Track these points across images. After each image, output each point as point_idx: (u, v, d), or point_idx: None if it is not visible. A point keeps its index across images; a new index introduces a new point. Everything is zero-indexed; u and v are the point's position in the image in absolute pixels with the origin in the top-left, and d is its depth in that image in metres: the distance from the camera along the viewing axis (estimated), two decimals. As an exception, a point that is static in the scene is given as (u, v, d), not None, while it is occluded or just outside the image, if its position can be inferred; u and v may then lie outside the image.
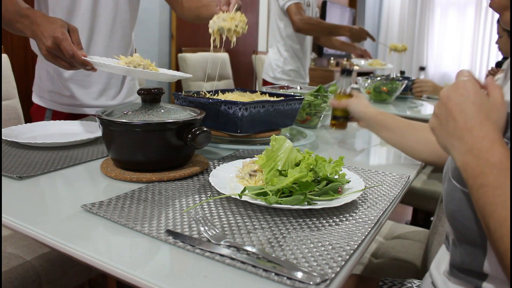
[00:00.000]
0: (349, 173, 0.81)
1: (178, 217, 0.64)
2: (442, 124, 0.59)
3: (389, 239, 1.38)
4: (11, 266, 1.04)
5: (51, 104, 1.43)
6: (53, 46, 1.00)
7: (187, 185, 0.79)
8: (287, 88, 1.57)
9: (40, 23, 1.03)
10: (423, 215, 2.34)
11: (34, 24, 1.04)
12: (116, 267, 0.52)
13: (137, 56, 1.04)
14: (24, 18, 1.07)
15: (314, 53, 5.02)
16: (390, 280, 0.92)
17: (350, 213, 0.69)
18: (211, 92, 1.18)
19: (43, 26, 1.02)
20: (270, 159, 0.74)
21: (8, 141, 1.00)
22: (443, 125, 0.59)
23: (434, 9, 6.10)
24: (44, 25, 1.02)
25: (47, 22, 1.03)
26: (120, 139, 0.82)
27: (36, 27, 1.03)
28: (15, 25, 1.10)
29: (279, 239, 0.58)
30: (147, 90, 0.85)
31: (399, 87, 2.35)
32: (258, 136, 1.10)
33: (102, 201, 0.69)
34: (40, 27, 1.02)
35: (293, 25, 2.44)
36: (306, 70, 2.72)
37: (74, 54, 0.99)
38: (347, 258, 0.54)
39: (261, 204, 0.66)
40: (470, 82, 0.58)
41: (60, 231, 0.60)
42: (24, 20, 1.07)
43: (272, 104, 1.06)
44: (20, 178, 0.80)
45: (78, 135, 1.06)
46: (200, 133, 0.81)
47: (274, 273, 0.49)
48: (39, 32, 1.02)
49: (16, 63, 2.35)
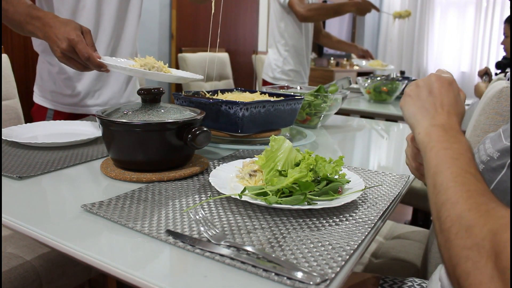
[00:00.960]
0: (349, 173, 0.81)
1: (178, 217, 0.64)
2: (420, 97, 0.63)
3: (389, 239, 1.38)
4: (11, 266, 1.04)
5: (52, 104, 1.43)
6: (68, 49, 1.00)
7: (187, 185, 0.79)
8: (287, 88, 1.57)
9: (53, 25, 1.03)
10: (423, 215, 2.34)
11: (47, 26, 1.04)
12: (116, 267, 0.52)
13: (151, 58, 1.05)
14: (36, 20, 1.07)
15: (314, 53, 5.03)
16: (391, 278, 0.92)
17: (350, 213, 0.69)
18: (210, 92, 1.18)
19: (57, 28, 1.01)
20: (270, 160, 0.74)
21: (8, 141, 1.00)
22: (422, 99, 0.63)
23: (434, 9, 6.10)
24: (57, 27, 1.02)
25: (60, 24, 1.02)
26: (120, 139, 0.82)
27: (49, 29, 1.03)
28: (25, 27, 1.10)
29: (279, 239, 0.59)
30: (147, 90, 0.85)
31: (399, 87, 2.35)
32: (258, 136, 1.10)
33: (102, 201, 0.69)
34: (54, 29, 1.02)
35: (298, 15, 2.42)
36: (306, 70, 2.71)
37: (89, 57, 0.99)
38: (347, 258, 0.54)
39: (261, 204, 0.66)
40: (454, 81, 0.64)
41: (60, 231, 0.60)
42: (35, 22, 1.07)
43: (272, 104, 1.06)
44: (20, 178, 0.80)
45: (78, 135, 1.06)
46: (200, 133, 0.81)
47: (274, 273, 0.49)
48: (53, 35, 1.01)
49: (16, 63, 2.36)
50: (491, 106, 1.02)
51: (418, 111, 0.62)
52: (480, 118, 1.04)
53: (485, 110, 1.03)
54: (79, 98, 1.42)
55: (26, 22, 1.08)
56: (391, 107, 2.27)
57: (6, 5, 1.13)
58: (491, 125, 1.01)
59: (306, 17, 2.41)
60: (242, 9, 4.10)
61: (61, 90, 1.41)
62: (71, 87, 1.41)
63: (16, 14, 1.10)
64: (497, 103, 1.01)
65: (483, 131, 1.02)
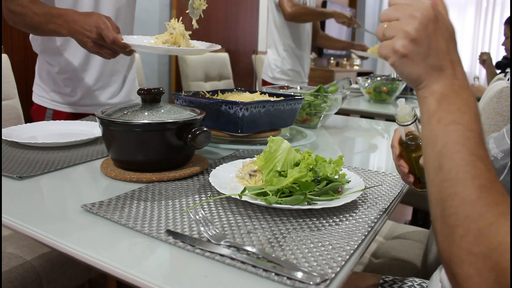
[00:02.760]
0: (349, 173, 0.81)
1: (178, 217, 0.64)
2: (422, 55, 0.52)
3: (389, 239, 1.38)
4: (11, 266, 1.04)
5: (51, 103, 1.43)
6: (98, 37, 1.04)
7: (187, 185, 0.79)
8: (287, 88, 1.57)
9: (77, 19, 1.07)
10: (423, 215, 2.34)
11: (71, 22, 1.07)
12: (116, 267, 0.52)
13: (169, 33, 1.08)
14: (57, 18, 1.10)
15: (314, 53, 5.02)
16: (391, 278, 0.92)
17: (350, 213, 0.69)
18: (210, 92, 1.18)
19: (82, 21, 1.06)
20: (269, 161, 0.74)
21: (8, 141, 1.00)
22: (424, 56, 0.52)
23: (434, 9, 6.09)
24: (82, 20, 1.06)
25: (84, 16, 1.07)
26: (120, 139, 0.82)
27: (74, 24, 1.06)
28: (46, 26, 1.13)
29: (279, 239, 0.58)
30: (147, 90, 0.86)
31: (399, 87, 2.35)
32: (258, 136, 1.10)
33: (102, 201, 0.69)
34: (79, 22, 1.06)
35: (285, 14, 2.45)
36: (306, 70, 2.72)
37: (114, 39, 1.03)
38: (347, 258, 0.54)
39: (261, 204, 0.66)
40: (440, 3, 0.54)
41: (60, 231, 0.60)
42: (57, 19, 1.10)
43: (272, 104, 1.06)
44: (20, 178, 0.80)
45: (78, 135, 1.06)
46: (200, 133, 0.81)
47: (274, 273, 0.49)
48: (79, 27, 1.05)
49: (16, 63, 2.35)
50: (491, 106, 1.02)
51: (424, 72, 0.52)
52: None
53: (485, 110, 1.03)
54: (78, 97, 1.43)
55: (47, 21, 1.12)
56: (391, 107, 2.27)
57: (23, 9, 1.15)
58: (491, 125, 1.01)
59: (292, 16, 2.43)
60: (242, 9, 4.10)
61: (60, 89, 1.41)
62: (71, 87, 1.41)
63: (35, 15, 1.14)
64: (497, 103, 1.01)
65: (483, 131, 1.02)
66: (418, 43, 0.51)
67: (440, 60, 0.51)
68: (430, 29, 0.51)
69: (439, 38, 0.52)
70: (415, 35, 0.51)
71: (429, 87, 0.52)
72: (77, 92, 1.42)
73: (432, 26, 0.51)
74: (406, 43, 0.52)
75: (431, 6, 0.52)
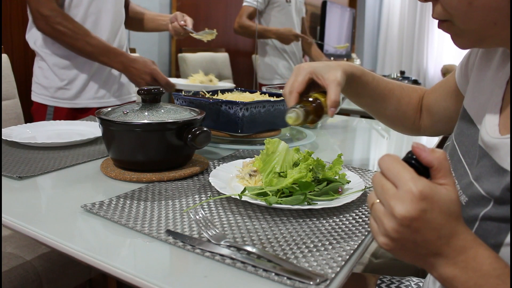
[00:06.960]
0: (349, 173, 0.81)
1: (178, 217, 0.64)
2: (406, 247, 0.46)
3: (389, 239, 1.38)
4: (11, 266, 1.04)
5: (51, 100, 1.44)
6: (151, 80, 1.40)
7: (187, 185, 0.79)
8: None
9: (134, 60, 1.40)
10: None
11: (131, 62, 1.39)
12: (116, 267, 0.52)
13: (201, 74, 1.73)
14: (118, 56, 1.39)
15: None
16: (388, 278, 0.92)
17: (350, 213, 0.69)
18: (211, 92, 1.18)
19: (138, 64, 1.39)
20: (267, 164, 0.74)
21: (8, 141, 1.00)
22: (409, 248, 0.46)
23: (434, 9, 6.09)
24: (138, 63, 1.39)
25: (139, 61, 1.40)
26: (120, 139, 0.82)
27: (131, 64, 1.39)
28: (99, 57, 1.38)
29: (279, 239, 0.59)
30: (147, 90, 0.85)
31: (399, 87, 2.34)
32: (258, 136, 1.10)
33: (102, 201, 0.69)
34: (135, 64, 1.39)
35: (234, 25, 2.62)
36: None
37: (168, 82, 1.42)
38: (347, 258, 0.54)
39: (261, 204, 0.66)
40: (420, 183, 0.44)
41: (60, 231, 0.60)
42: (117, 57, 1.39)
43: (272, 104, 1.06)
44: (20, 178, 0.80)
45: (78, 135, 1.06)
46: (200, 133, 0.81)
47: (274, 273, 0.49)
48: (134, 70, 1.39)
49: (16, 63, 2.35)
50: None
51: (417, 261, 0.48)
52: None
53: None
54: (77, 90, 1.45)
55: (102, 54, 1.37)
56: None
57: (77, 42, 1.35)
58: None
59: (235, 30, 2.63)
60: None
61: (57, 84, 1.43)
62: (68, 78, 1.44)
63: (88, 45, 1.36)
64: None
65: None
66: (400, 241, 0.46)
67: (432, 249, 0.46)
68: (414, 227, 0.44)
69: (426, 231, 0.45)
70: (395, 236, 0.45)
71: (433, 272, 0.48)
72: (74, 83, 1.45)
73: (416, 224, 0.44)
74: (387, 241, 0.47)
75: (418, 197, 0.44)
